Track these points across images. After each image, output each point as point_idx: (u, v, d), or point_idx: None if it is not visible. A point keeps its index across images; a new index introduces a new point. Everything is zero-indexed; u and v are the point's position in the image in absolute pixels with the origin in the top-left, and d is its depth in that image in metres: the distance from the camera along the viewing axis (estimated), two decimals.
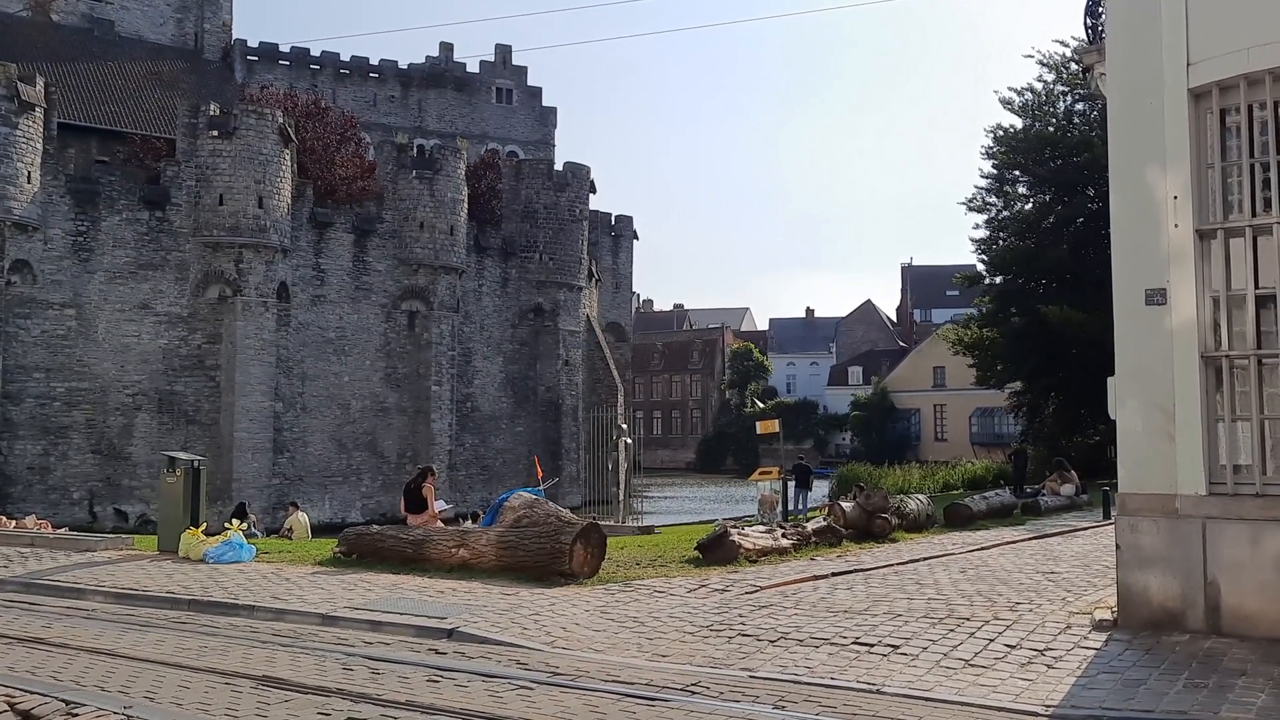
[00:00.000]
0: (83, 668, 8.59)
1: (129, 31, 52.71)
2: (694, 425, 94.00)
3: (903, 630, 9.49)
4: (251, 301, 36.08)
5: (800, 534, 15.41)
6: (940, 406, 77.04)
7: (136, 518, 33.17)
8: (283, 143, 36.63)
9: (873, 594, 11.40)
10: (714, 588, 11.99)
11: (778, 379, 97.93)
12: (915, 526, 17.91)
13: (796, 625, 9.84)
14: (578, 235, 47.67)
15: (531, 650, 9.30)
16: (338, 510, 37.75)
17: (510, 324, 45.72)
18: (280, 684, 7.93)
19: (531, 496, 15.84)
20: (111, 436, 34.51)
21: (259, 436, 36.27)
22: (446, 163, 41.62)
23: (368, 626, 10.58)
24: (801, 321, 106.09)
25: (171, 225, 35.50)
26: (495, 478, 43.07)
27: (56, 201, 33.79)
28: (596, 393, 49.23)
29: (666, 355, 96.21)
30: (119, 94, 47.32)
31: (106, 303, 34.50)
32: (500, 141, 66.26)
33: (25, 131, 32.50)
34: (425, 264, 40.90)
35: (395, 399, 40.67)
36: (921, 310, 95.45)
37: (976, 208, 39.23)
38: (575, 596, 11.68)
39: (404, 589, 12.38)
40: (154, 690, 7.79)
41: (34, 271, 33.21)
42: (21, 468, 32.90)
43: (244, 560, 14.91)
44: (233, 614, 11.56)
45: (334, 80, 62.45)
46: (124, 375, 34.75)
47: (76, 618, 11.33)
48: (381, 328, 40.49)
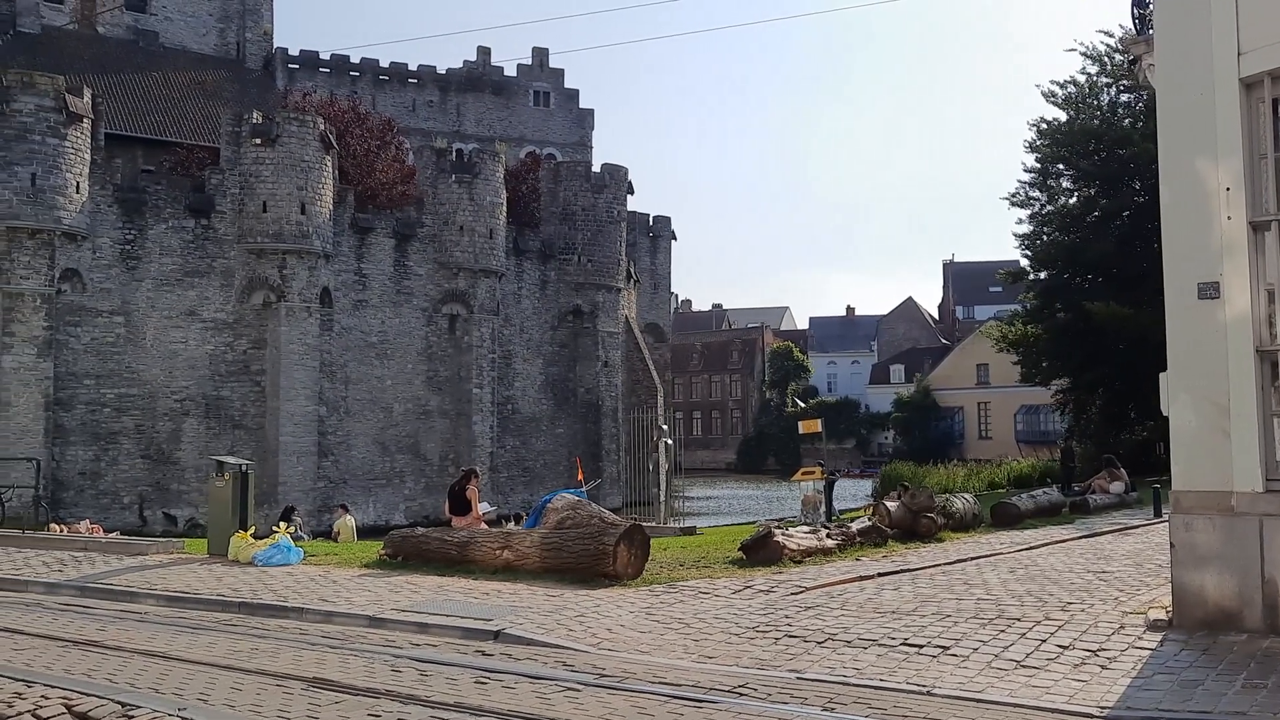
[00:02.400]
0: (137, 670, 8.70)
1: (173, 42, 53.53)
2: (734, 425, 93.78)
3: (952, 631, 9.39)
4: (295, 307, 36.49)
5: (845, 534, 15.29)
6: (984, 404, 76.27)
7: (185, 521, 33.65)
8: (324, 149, 37.02)
9: (920, 594, 11.29)
10: (759, 589, 11.93)
11: (818, 378, 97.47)
12: (961, 526, 17.71)
13: (844, 626, 9.76)
14: (616, 236, 47.72)
15: (577, 652, 9.31)
16: (381, 513, 38.07)
17: (550, 326, 45.87)
18: (330, 686, 7.99)
19: (574, 498, 15.86)
20: (160, 442, 35.03)
21: (304, 440, 36.66)
22: (485, 166, 41.85)
23: (415, 628, 10.64)
24: (842, 320, 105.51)
25: (216, 232, 35.99)
26: (536, 479, 43.23)
27: (104, 211, 34.37)
28: (636, 394, 49.26)
29: (706, 355, 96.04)
30: (164, 104, 48.09)
31: (154, 310, 35.04)
32: (538, 144, 66.54)
33: (73, 142, 33.09)
34: (465, 267, 41.15)
35: (437, 402, 40.95)
36: (964, 307, 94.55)
37: (1019, 203, 38.77)
38: (620, 598, 11.67)
39: (450, 591, 12.44)
40: (207, 692, 7.88)
41: (83, 280, 33.80)
42: (74, 473, 33.49)
43: (292, 563, 15.06)
44: (282, 616, 11.67)
45: (373, 86, 63.03)
46: (172, 381, 35.27)
47: (130, 620, 11.49)
48: (423, 331, 40.78)
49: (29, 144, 32.11)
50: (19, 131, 32.02)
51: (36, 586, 14.05)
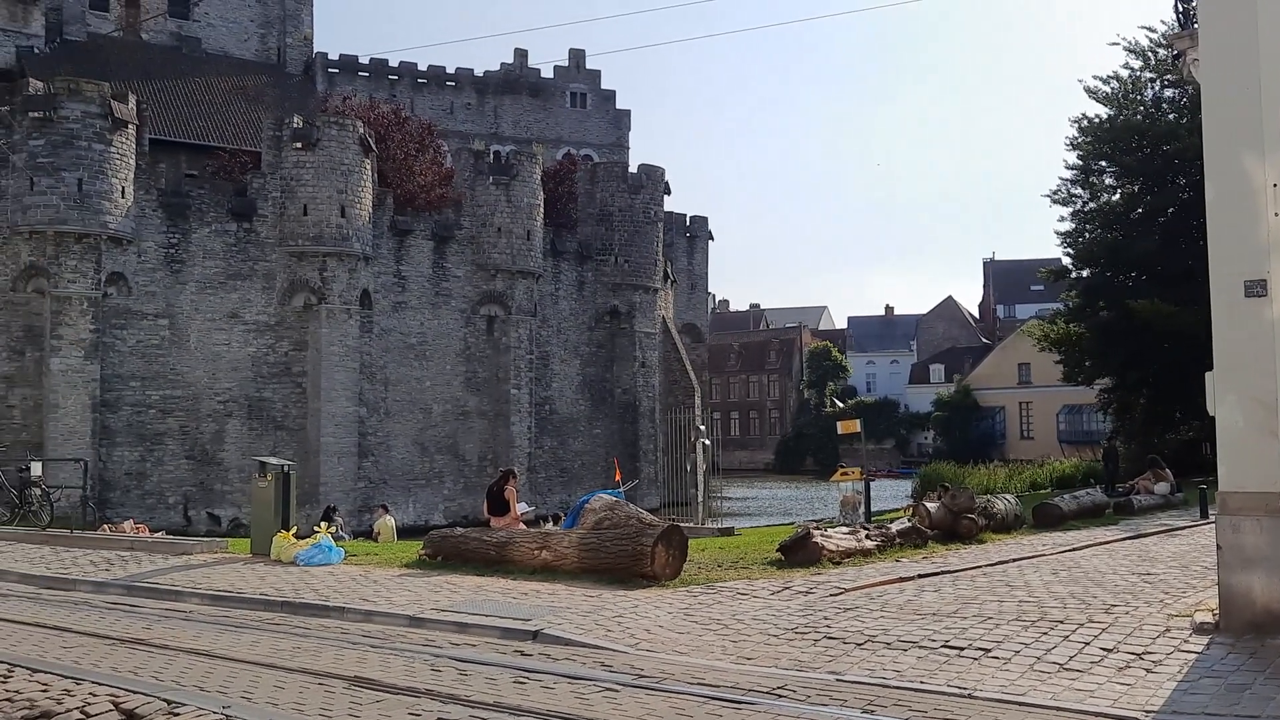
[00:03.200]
0: (182, 668, 8.83)
1: (215, 48, 54.27)
2: (772, 426, 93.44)
3: (994, 633, 9.30)
4: (336, 309, 36.85)
5: (884, 535, 15.20)
6: (1026, 404, 75.44)
7: (229, 521, 34.09)
8: (363, 152, 37.36)
9: (961, 596, 11.19)
10: (798, 590, 11.89)
11: (857, 378, 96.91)
12: (1003, 527, 17.54)
13: (883, 628, 9.70)
14: (653, 237, 47.73)
15: (616, 652, 9.32)
16: (421, 513, 38.35)
17: (587, 327, 45.97)
18: (371, 685, 8.06)
19: (612, 498, 15.87)
20: (204, 442, 35.52)
21: (344, 441, 37.02)
22: (522, 168, 42.04)
23: (454, 628, 10.71)
24: (880, 319, 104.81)
25: (258, 236, 36.43)
26: (574, 480, 43.34)
27: (149, 215, 34.91)
28: (673, 394, 49.24)
29: (743, 356, 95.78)
30: (206, 109, 48.78)
31: (198, 312, 35.53)
32: (575, 145, 66.72)
33: (119, 148, 33.63)
34: (503, 269, 41.35)
35: (475, 403, 41.19)
36: (1005, 306, 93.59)
37: (1061, 200, 38.32)
38: (658, 598, 11.67)
39: (488, 591, 12.51)
40: (251, 690, 7.98)
41: (129, 283, 34.35)
42: (120, 474, 34.03)
43: (333, 563, 15.20)
44: (324, 615, 11.79)
45: (412, 89, 63.51)
46: (215, 383, 35.75)
47: (175, 619, 11.66)
48: (461, 332, 41.04)
49: (76, 150, 32.68)
50: (66, 138, 32.59)
51: (84, 585, 14.29)
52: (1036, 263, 62.24)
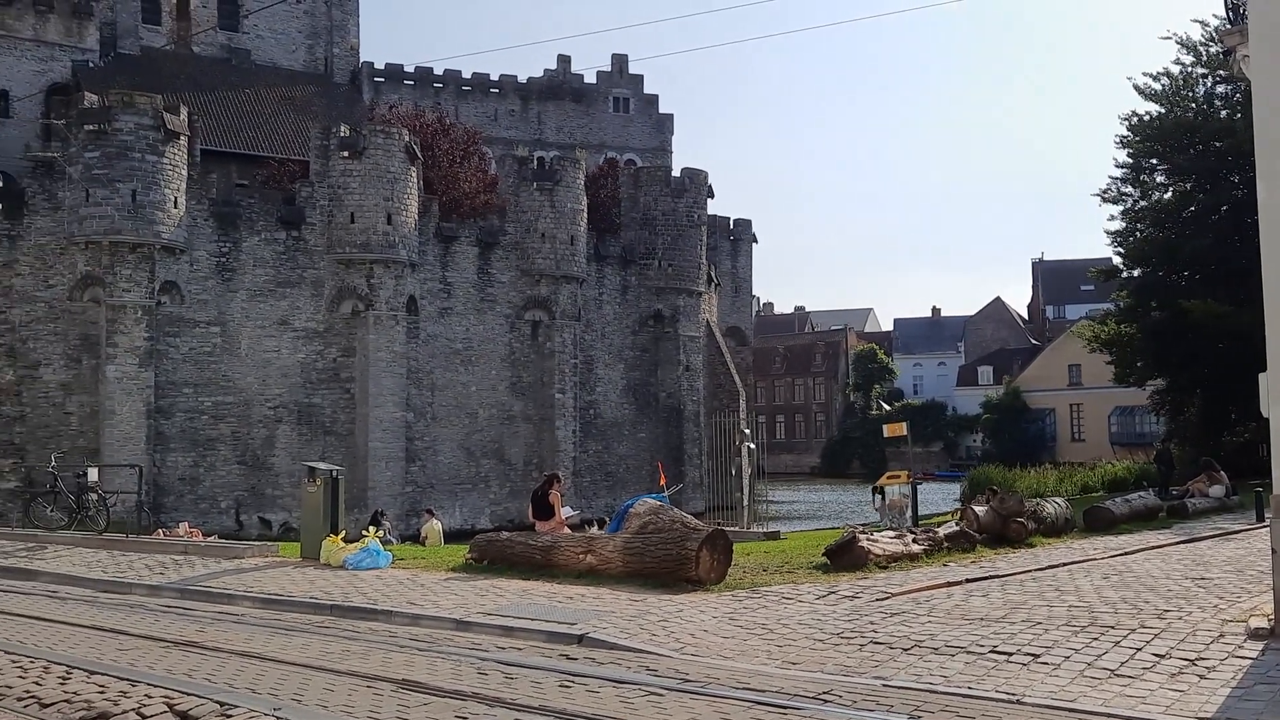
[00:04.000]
0: (235, 670, 8.98)
1: (264, 59, 55.11)
2: (818, 429, 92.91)
3: (1043, 638, 9.20)
4: (383, 315, 37.25)
5: (932, 539, 15.07)
6: (1076, 406, 74.36)
7: (280, 525, 34.56)
8: (409, 160, 37.74)
9: (1010, 601, 11.07)
10: (843, 594, 11.83)
11: (904, 380, 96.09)
12: (1053, 531, 17.32)
13: (930, 633, 9.63)
14: (696, 240, 47.72)
15: (661, 656, 9.34)
16: (467, 517, 38.61)
17: (631, 331, 46.04)
18: (419, 687, 8.15)
19: (656, 503, 15.88)
20: (255, 448, 36.04)
21: (392, 446, 37.39)
22: (566, 174, 42.23)
23: (500, 632, 10.79)
24: (927, 321, 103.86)
25: (307, 244, 36.92)
26: (619, 484, 43.40)
27: (201, 224, 35.52)
28: (718, 398, 49.15)
29: (788, 358, 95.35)
30: (256, 119, 49.55)
31: (248, 320, 36.08)
32: (618, 150, 66.87)
33: (171, 159, 34.26)
34: (547, 274, 41.55)
35: (520, 407, 41.41)
36: (1054, 307, 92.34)
37: (1111, 199, 37.74)
38: (703, 603, 11.67)
39: (534, 595, 12.58)
40: (301, 692, 8.10)
41: (181, 292, 34.96)
42: (174, 479, 34.63)
43: (381, 566, 15.37)
44: (372, 619, 11.93)
45: (456, 97, 64.03)
46: (266, 389, 36.27)
47: (227, 622, 11.86)
48: (506, 338, 41.29)
49: (129, 161, 33.33)
50: (120, 149, 33.26)
51: (140, 589, 14.58)
52: (1086, 263, 61.39)
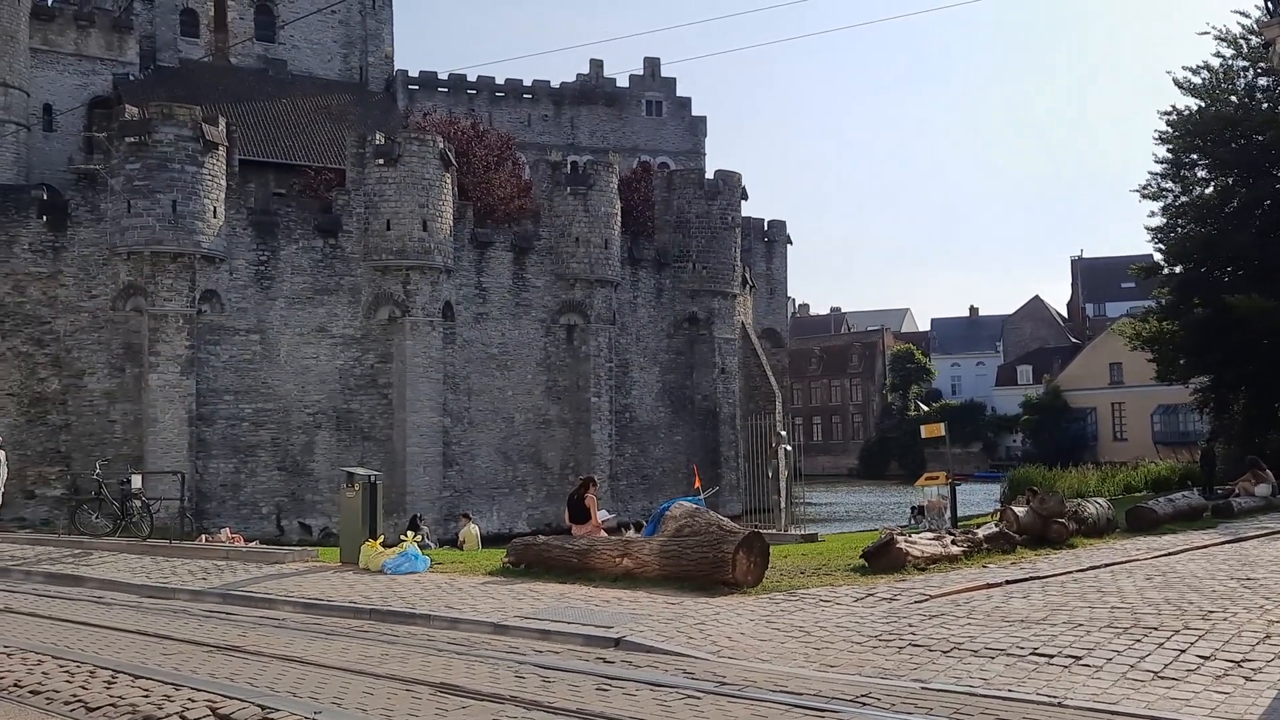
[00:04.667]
0: (276, 674, 9.07)
1: (300, 69, 55.73)
2: (855, 430, 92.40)
3: (1084, 640, 9.09)
4: (419, 321, 37.52)
5: (971, 541, 14.93)
6: (1118, 405, 73.41)
7: (320, 530, 34.89)
8: (443, 167, 38.00)
9: (1051, 602, 10.95)
10: (881, 596, 11.76)
11: (942, 380, 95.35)
12: (1094, 531, 17.10)
13: (970, 635, 9.55)
14: (730, 243, 47.64)
15: (698, 659, 9.32)
16: (505, 521, 38.77)
17: (665, 334, 46.05)
18: (457, 691, 8.19)
19: (692, 505, 15.85)
20: (295, 454, 36.42)
21: (429, 451, 37.63)
22: (599, 178, 42.33)
23: (537, 635, 10.82)
24: (965, 321, 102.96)
25: (344, 251, 37.28)
26: (655, 487, 43.40)
27: (240, 234, 35.96)
28: (754, 400, 49.02)
29: (825, 360, 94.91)
30: (292, 129, 50.13)
31: (287, 327, 36.47)
32: (651, 153, 66.95)
33: (210, 169, 34.73)
34: (581, 278, 41.66)
35: (556, 411, 41.54)
36: (1094, 304, 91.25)
37: (1151, 194, 37.22)
38: (739, 606, 11.64)
39: (571, 598, 12.61)
40: (341, 696, 8.18)
41: (221, 300, 35.42)
42: (216, 485, 35.07)
43: (419, 571, 15.47)
44: (410, 623, 12.00)
45: (490, 103, 64.42)
46: (305, 395, 36.65)
47: (269, 626, 11.98)
48: (541, 342, 41.45)
49: (170, 172, 33.83)
50: (160, 161, 33.77)
51: (183, 594, 14.77)
52: (1127, 259, 60.60)
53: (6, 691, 8.60)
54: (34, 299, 33.88)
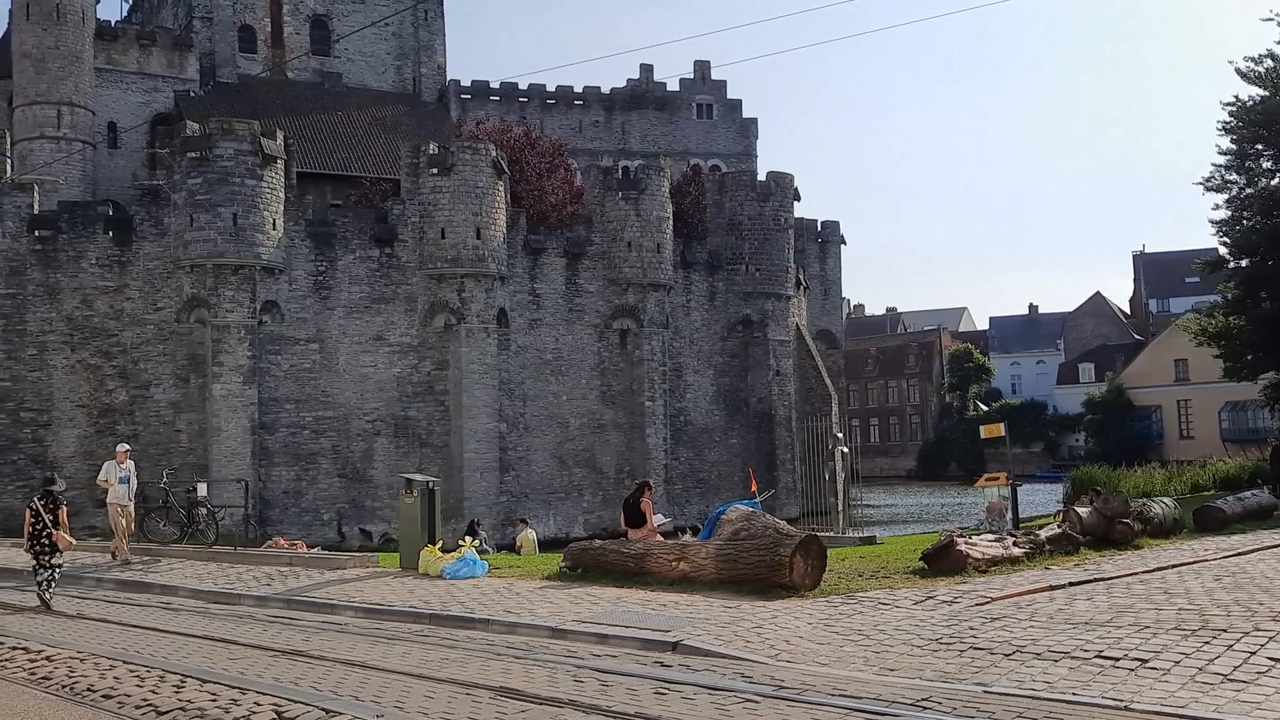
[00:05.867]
0: (339, 678, 9.22)
1: (355, 82, 56.59)
2: (913, 431, 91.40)
3: (1151, 643, 8.92)
4: (474, 328, 37.86)
5: (1033, 542, 14.72)
6: (1184, 402, 71.77)
7: (380, 536, 35.32)
8: (496, 175, 38.31)
9: (1116, 604, 10.75)
10: (942, 599, 11.63)
11: (1001, 380, 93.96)
12: (1160, 532, 16.77)
13: (1032, 638, 9.41)
14: (783, 244, 47.43)
15: (755, 663, 9.30)
16: (561, 525, 38.95)
17: (719, 337, 45.96)
18: (516, 695, 8.26)
19: (748, 509, 15.80)
20: (354, 461, 36.92)
21: (486, 456, 37.93)
22: (651, 182, 42.39)
23: (595, 639, 10.86)
24: (1024, 319, 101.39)
25: (399, 260, 37.74)
26: (711, 490, 43.31)
27: (298, 245, 36.57)
28: (809, 402, 48.74)
29: (881, 360, 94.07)
30: (348, 141, 50.91)
31: (345, 336, 37.00)
32: (702, 157, 66.89)
33: (269, 182, 35.37)
34: (634, 282, 41.74)
35: (611, 415, 41.64)
36: (1157, 300, 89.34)
37: (1215, 187, 36.38)
38: (797, 609, 11.59)
39: (627, 602, 12.64)
40: (403, 700, 8.28)
41: (281, 310, 36.04)
42: (278, 492, 35.67)
43: (477, 575, 15.61)
44: (469, 627, 12.12)
45: (541, 110, 64.80)
46: (363, 403, 37.14)
47: (331, 631, 12.17)
48: (595, 347, 41.59)
49: (230, 186, 34.51)
50: (221, 175, 34.45)
51: (248, 600, 15.05)
52: (1190, 254, 59.32)
53: (80, 695, 8.85)
54: (101, 312, 34.73)
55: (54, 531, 15.11)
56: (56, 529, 15.15)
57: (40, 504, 15.33)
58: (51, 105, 46.87)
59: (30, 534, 15.20)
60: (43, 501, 15.39)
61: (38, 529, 15.14)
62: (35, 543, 15.13)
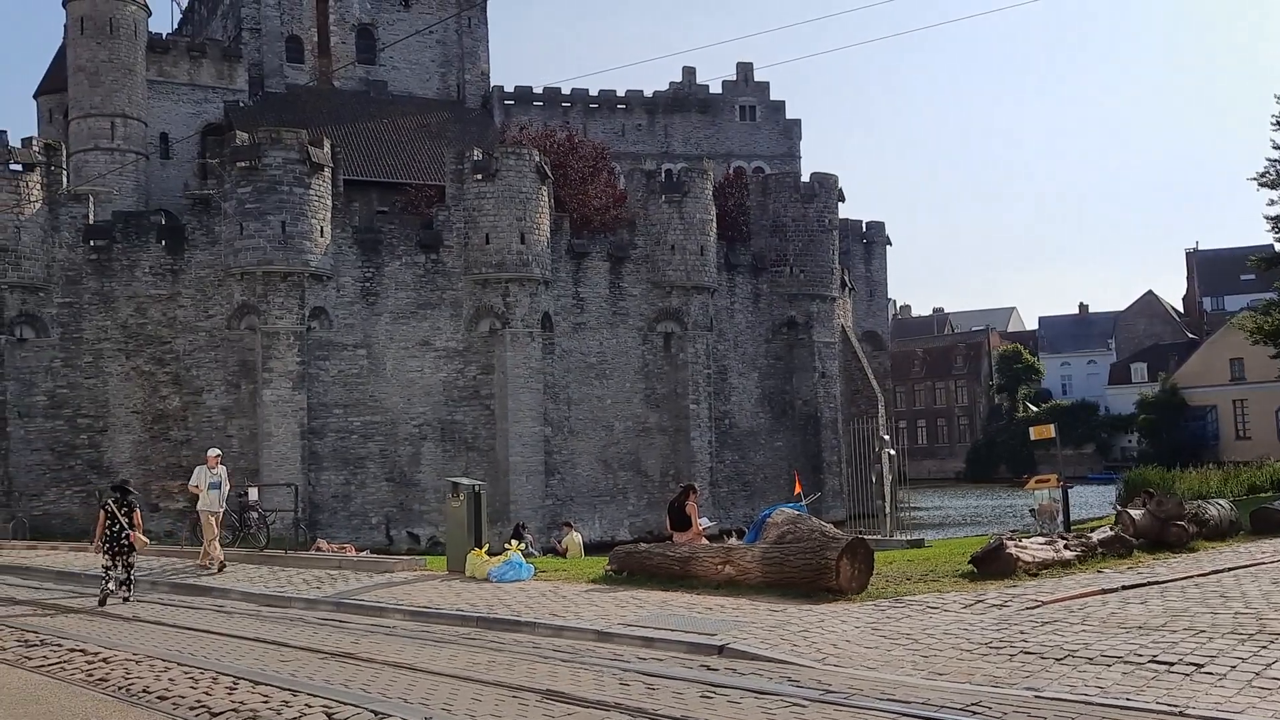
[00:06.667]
0: (388, 681, 9.31)
1: (399, 90, 57.19)
2: (961, 433, 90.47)
3: (1206, 647, 8.75)
4: (519, 333, 38.07)
5: (1085, 545, 14.50)
6: (1240, 402, 70.35)
7: (427, 540, 35.60)
8: (540, 180, 38.51)
9: (1170, 608, 10.57)
10: (991, 603, 11.50)
11: (1051, 380, 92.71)
12: (1216, 534, 16.44)
13: (1085, 642, 9.27)
14: (828, 245, 47.20)
15: (802, 667, 9.25)
16: (607, 529, 39.01)
17: (764, 339, 45.81)
18: (563, 698, 8.29)
19: (794, 512, 15.73)
20: (402, 465, 37.26)
21: (531, 460, 38.11)
22: (694, 185, 42.37)
23: (640, 643, 10.86)
24: (1074, 318, 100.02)
25: (445, 266, 38.05)
26: (756, 493, 43.17)
27: (345, 251, 37.00)
28: (856, 404, 48.43)
29: (928, 361, 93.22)
30: (393, 148, 51.46)
31: (392, 341, 37.38)
32: (745, 159, 66.78)
33: (317, 190, 35.83)
34: (678, 285, 41.73)
35: (656, 419, 41.65)
36: (1212, 298, 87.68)
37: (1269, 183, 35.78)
38: (844, 612, 11.51)
39: (673, 605, 12.63)
40: (450, 702, 8.35)
41: (329, 317, 36.48)
42: (327, 496, 36.09)
43: (524, 579, 15.68)
44: (516, 630, 12.18)
45: (584, 115, 65.03)
46: (410, 408, 37.49)
47: (380, 634, 12.29)
48: (639, 350, 41.62)
49: (279, 195, 35.00)
50: (270, 184, 34.97)
51: (298, 603, 15.24)
52: (1245, 250, 58.20)
53: (136, 697, 9.01)
54: (155, 320, 35.37)
55: (130, 532, 15.79)
56: (133, 530, 15.81)
57: (115, 506, 15.92)
58: (106, 117, 47.89)
59: (107, 535, 15.81)
60: (117, 503, 15.97)
61: (114, 530, 15.79)
62: (112, 543, 15.77)
